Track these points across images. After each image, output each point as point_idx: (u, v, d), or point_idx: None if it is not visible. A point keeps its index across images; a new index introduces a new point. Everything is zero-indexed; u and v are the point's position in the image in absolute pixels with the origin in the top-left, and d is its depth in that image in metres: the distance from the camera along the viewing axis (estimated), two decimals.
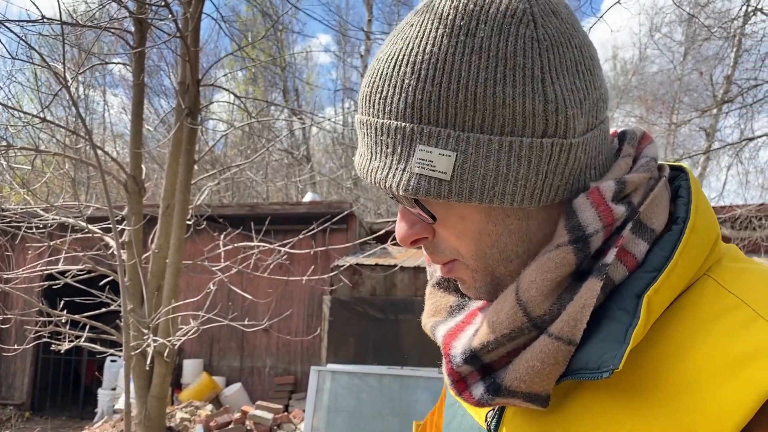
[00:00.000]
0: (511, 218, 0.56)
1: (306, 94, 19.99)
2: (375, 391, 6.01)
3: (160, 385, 5.71)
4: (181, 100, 5.82)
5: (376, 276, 6.42)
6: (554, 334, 0.52)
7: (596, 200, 0.53)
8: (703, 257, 0.54)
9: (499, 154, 0.52)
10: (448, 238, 0.59)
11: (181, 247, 5.80)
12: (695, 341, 0.50)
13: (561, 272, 0.53)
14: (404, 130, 0.54)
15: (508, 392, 0.54)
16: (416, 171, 0.53)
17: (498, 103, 0.51)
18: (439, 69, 0.52)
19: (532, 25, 0.52)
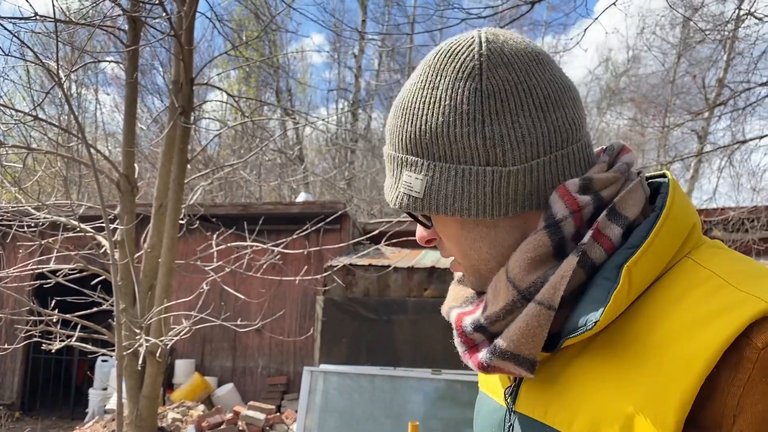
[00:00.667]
0: (480, 227, 0.71)
1: (299, 94, 19.97)
2: (368, 392, 6.01)
3: (152, 385, 5.68)
4: (174, 98, 5.79)
5: (369, 276, 6.41)
6: (538, 300, 0.63)
7: (562, 193, 0.66)
8: (680, 240, 0.64)
9: (455, 179, 0.68)
10: (446, 242, 0.75)
11: (174, 246, 5.77)
12: (673, 307, 0.59)
13: (539, 252, 0.66)
14: (398, 159, 0.72)
15: (501, 353, 0.66)
16: (402, 190, 0.72)
17: (452, 140, 0.67)
18: (414, 114, 0.70)
19: (478, 78, 0.67)
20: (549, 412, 0.66)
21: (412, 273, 6.37)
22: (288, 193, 17.01)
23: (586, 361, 0.64)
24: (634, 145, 19.30)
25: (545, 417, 0.67)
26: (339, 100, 18.53)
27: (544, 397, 0.68)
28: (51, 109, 16.61)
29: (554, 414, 0.65)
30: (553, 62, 0.71)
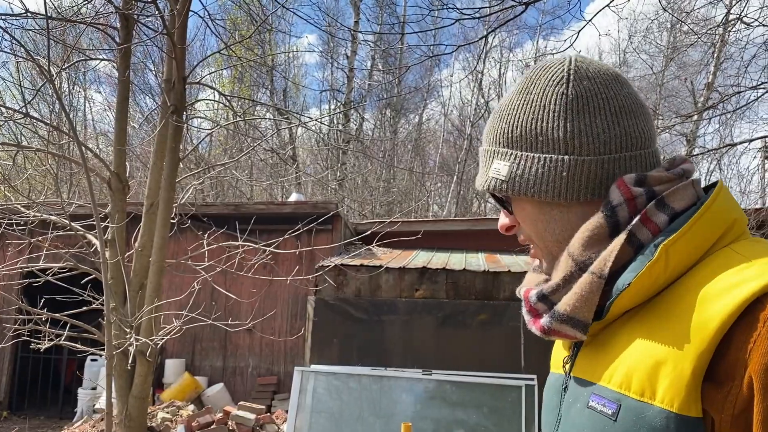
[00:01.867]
0: (555, 210, 0.84)
1: (292, 94, 19.94)
2: (358, 392, 6.00)
3: (142, 384, 5.65)
4: (166, 97, 5.77)
5: (361, 277, 6.41)
6: (591, 270, 0.76)
7: (619, 184, 0.79)
8: (719, 230, 0.75)
9: (538, 165, 0.82)
10: (525, 226, 0.88)
11: (165, 245, 5.75)
12: (700, 282, 0.70)
13: (596, 231, 0.78)
14: (491, 151, 0.88)
15: (559, 316, 0.78)
16: (491, 175, 0.86)
17: (538, 132, 0.82)
18: (509, 114, 0.86)
19: (565, 85, 0.82)
20: (596, 371, 0.79)
21: (404, 273, 6.37)
22: (280, 193, 16.98)
23: (628, 329, 0.75)
24: None
25: (592, 376, 0.79)
26: (331, 101, 18.52)
27: (594, 362, 0.80)
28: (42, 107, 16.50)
29: (600, 373, 0.77)
30: (630, 85, 0.86)
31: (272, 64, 15.91)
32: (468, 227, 8.72)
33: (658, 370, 0.68)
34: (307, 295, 7.49)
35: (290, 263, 7.66)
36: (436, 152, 22.33)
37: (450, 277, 6.33)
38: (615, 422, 0.71)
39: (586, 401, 0.78)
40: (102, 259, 2.79)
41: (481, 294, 6.27)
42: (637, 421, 0.69)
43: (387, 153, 17.82)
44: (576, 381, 0.84)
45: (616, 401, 0.72)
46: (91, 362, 8.21)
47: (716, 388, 0.64)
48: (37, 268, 5.38)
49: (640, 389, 0.69)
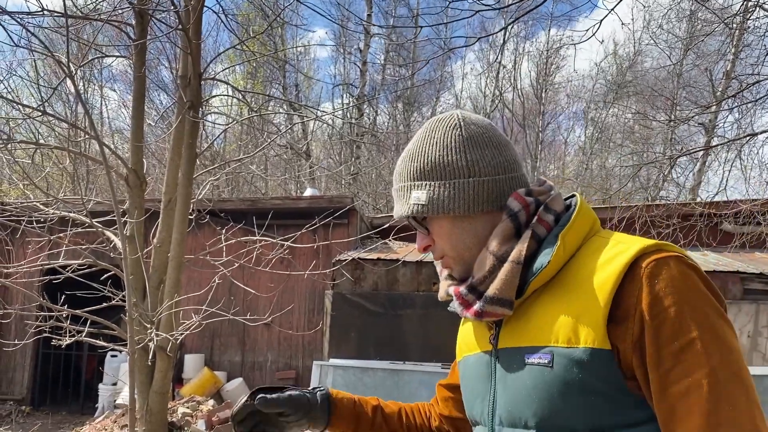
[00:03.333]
0: (464, 223, 1.06)
1: (305, 89, 19.92)
2: (376, 386, 6.00)
3: (162, 380, 5.68)
4: (183, 93, 5.78)
5: (378, 271, 6.39)
6: (510, 259, 0.99)
7: (516, 196, 1.04)
8: (589, 224, 1.03)
9: (449, 188, 1.04)
10: (438, 242, 1.09)
11: (183, 241, 5.77)
12: (591, 258, 0.96)
13: (506, 232, 1.02)
14: (407, 186, 1.09)
15: (490, 299, 0.99)
16: (411, 203, 1.07)
17: (445, 164, 1.05)
18: (418, 155, 1.08)
19: (459, 128, 1.08)
20: (522, 338, 0.99)
21: (421, 267, 6.35)
22: (294, 188, 16.99)
23: (543, 300, 0.98)
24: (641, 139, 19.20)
25: (521, 341, 0.99)
26: (344, 95, 18.46)
27: (518, 331, 1.01)
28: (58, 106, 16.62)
29: (526, 338, 0.98)
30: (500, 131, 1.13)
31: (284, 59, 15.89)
32: None
33: (578, 322, 0.90)
34: (325, 289, 7.48)
35: (307, 258, 7.66)
36: None
37: None
38: (552, 368, 0.92)
39: (523, 361, 0.97)
40: (123, 255, 2.79)
41: None
42: (569, 362, 0.90)
43: (401, 147, 17.77)
44: (504, 352, 1.03)
45: (549, 353, 0.93)
46: (111, 358, 8.28)
47: (617, 326, 0.88)
48: (57, 265, 5.41)
49: (566, 339, 0.91)
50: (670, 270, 0.88)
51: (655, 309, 0.86)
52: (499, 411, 1.03)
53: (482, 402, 1.08)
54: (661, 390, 0.84)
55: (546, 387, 0.93)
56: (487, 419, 1.06)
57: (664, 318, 0.85)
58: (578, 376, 0.89)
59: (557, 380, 0.91)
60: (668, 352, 0.84)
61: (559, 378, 0.91)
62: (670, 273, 0.87)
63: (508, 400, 1.00)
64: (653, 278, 0.87)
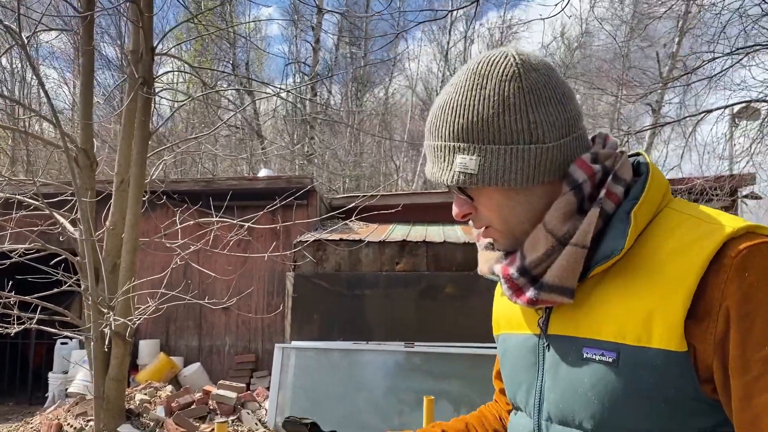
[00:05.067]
0: (520, 195, 0.90)
1: (256, 68, 19.49)
2: (340, 367, 5.96)
3: (119, 366, 5.50)
4: (134, 69, 5.54)
5: (340, 251, 6.32)
6: (573, 242, 0.85)
7: (580, 164, 0.89)
8: (661, 195, 0.89)
9: (505, 156, 0.87)
10: (485, 212, 0.93)
11: (138, 223, 5.56)
12: (667, 238, 0.83)
13: (568, 207, 0.87)
14: (449, 147, 0.90)
15: (548, 287, 0.87)
16: (457, 170, 0.89)
17: (501, 126, 0.87)
18: (465, 109, 0.88)
19: (518, 79, 0.88)
20: (580, 327, 0.88)
21: (384, 247, 6.31)
22: (246, 169, 16.67)
23: (607, 286, 0.86)
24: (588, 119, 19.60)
25: (577, 332, 0.88)
26: (296, 74, 18.13)
27: (573, 319, 0.90)
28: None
29: (585, 328, 0.87)
30: (560, 74, 0.94)
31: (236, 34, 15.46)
32: (444, 200, 8.68)
33: (651, 317, 0.79)
34: (285, 271, 7.37)
35: (265, 239, 7.52)
36: (404, 126, 22.23)
37: (430, 249, 6.29)
38: (617, 368, 0.82)
39: (580, 354, 0.87)
40: (79, 238, 2.64)
41: (462, 265, 6.26)
42: (638, 363, 0.80)
43: (355, 126, 17.62)
44: (556, 339, 0.92)
45: (614, 350, 0.82)
46: (61, 346, 7.97)
47: (696, 324, 0.77)
48: (4, 249, 5.14)
49: (636, 336, 0.80)
50: (765, 260, 0.76)
51: (745, 307, 0.75)
52: (548, 406, 0.93)
53: (527, 392, 0.99)
54: (745, 398, 0.75)
55: (608, 388, 0.83)
56: (533, 412, 0.97)
57: (755, 318, 0.74)
58: (648, 380, 0.79)
59: (622, 382, 0.81)
60: (758, 358, 0.74)
61: (625, 380, 0.81)
62: (765, 264, 0.76)
63: (560, 396, 0.91)
64: (744, 270, 0.76)
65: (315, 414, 5.99)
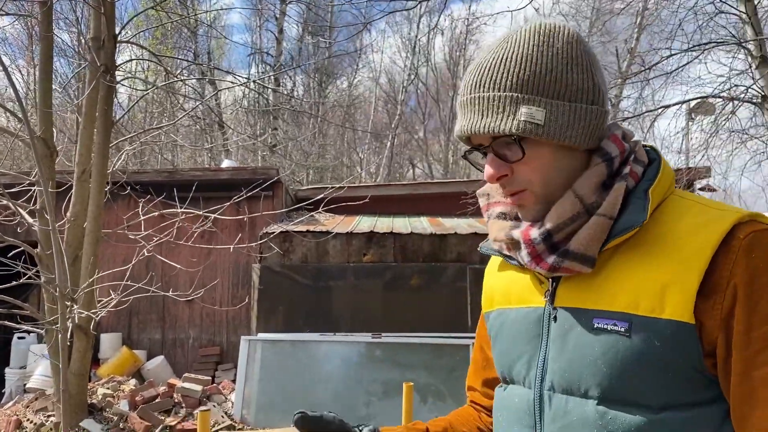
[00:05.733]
0: (566, 158, 0.93)
1: (217, 58, 19.17)
2: (307, 359, 5.96)
3: (81, 360, 5.41)
4: (96, 56, 5.41)
5: (307, 243, 6.31)
6: (601, 213, 0.88)
7: (614, 139, 0.94)
8: (670, 181, 0.95)
9: (569, 113, 0.90)
10: (525, 173, 0.92)
11: (100, 214, 5.46)
12: (680, 218, 0.88)
13: (600, 178, 0.91)
14: (512, 97, 0.89)
15: (572, 255, 0.89)
16: (522, 119, 0.88)
17: (569, 82, 0.90)
18: (533, 63, 0.89)
19: (583, 44, 0.93)
20: (590, 300, 0.90)
21: (351, 238, 6.32)
22: (207, 160, 16.42)
23: (620, 259, 0.89)
24: None
25: (586, 304, 0.90)
26: (259, 64, 17.90)
27: (582, 291, 0.92)
28: None
29: (596, 300, 0.89)
30: None
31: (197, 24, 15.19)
32: (410, 191, 8.73)
33: (666, 289, 0.82)
34: (250, 263, 7.31)
35: (230, 231, 7.44)
36: (367, 118, 22.20)
37: (398, 240, 6.33)
38: (629, 337, 0.84)
39: (590, 324, 0.89)
40: (52, 227, 2.59)
41: (429, 256, 6.32)
42: (649, 333, 0.83)
43: (319, 118, 17.53)
44: (564, 312, 0.94)
45: (626, 320, 0.85)
46: (18, 340, 7.76)
47: (705, 300, 0.81)
48: None
49: (650, 307, 0.83)
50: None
51: (752, 286, 0.80)
52: (551, 376, 0.94)
53: (528, 363, 0.99)
54: (743, 372, 0.80)
55: (618, 357, 0.85)
56: (534, 382, 0.97)
57: (760, 297, 0.79)
58: (658, 349, 0.82)
59: (634, 351, 0.84)
60: (759, 334, 0.79)
61: (636, 349, 0.84)
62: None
63: (566, 365, 0.92)
64: (751, 252, 0.81)
65: (282, 405, 6.00)
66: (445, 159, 21.80)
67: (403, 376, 5.62)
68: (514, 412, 1.01)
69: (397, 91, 21.47)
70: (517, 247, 0.96)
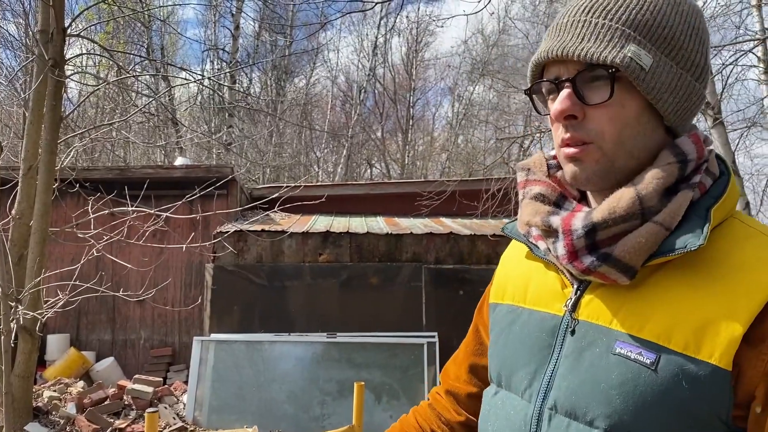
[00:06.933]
0: (650, 126, 0.81)
1: (170, 54, 18.81)
2: (261, 359, 5.93)
3: (26, 362, 5.24)
4: (44, 50, 5.26)
5: (262, 242, 6.26)
6: (658, 221, 0.76)
7: (695, 139, 0.82)
8: (735, 202, 0.83)
9: (675, 77, 0.80)
10: (600, 121, 0.80)
11: (48, 212, 5.32)
12: (740, 246, 0.76)
13: (668, 180, 0.78)
14: (623, 32, 0.79)
15: (614, 261, 0.77)
16: (629, 56, 0.77)
17: (685, 47, 0.81)
18: (656, 10, 0.80)
19: (705, 21, 0.84)
20: (616, 318, 0.79)
21: (307, 238, 6.31)
22: (160, 157, 16.11)
23: (661, 280, 0.78)
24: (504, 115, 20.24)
25: (611, 323, 0.80)
26: (214, 61, 17.65)
27: (610, 307, 0.81)
28: None
29: (622, 320, 0.78)
30: None
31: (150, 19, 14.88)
32: (367, 191, 8.75)
33: (707, 327, 0.71)
34: (203, 262, 7.21)
35: (183, 230, 7.33)
36: (324, 117, 22.12)
37: (354, 240, 6.34)
38: (654, 371, 0.73)
39: (609, 347, 0.78)
40: None
41: (385, 256, 6.35)
42: (679, 372, 0.72)
43: (276, 117, 17.38)
44: (584, 326, 0.83)
45: (654, 351, 0.74)
46: None
47: (749, 347, 0.70)
48: None
49: (684, 343, 0.72)
50: None
51: None
52: (556, 393, 0.83)
53: (532, 375, 0.88)
54: None
55: (637, 391, 0.74)
56: (535, 397, 0.86)
57: None
58: (685, 392, 0.72)
59: (656, 388, 0.73)
60: None
61: (660, 387, 0.73)
62: None
63: (575, 386, 0.81)
64: None
65: (235, 406, 5.94)
66: (403, 159, 21.90)
67: (358, 376, 5.64)
68: (506, 425, 0.91)
69: (354, 90, 21.49)
70: (551, 236, 0.84)
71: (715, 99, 5.86)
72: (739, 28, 8.74)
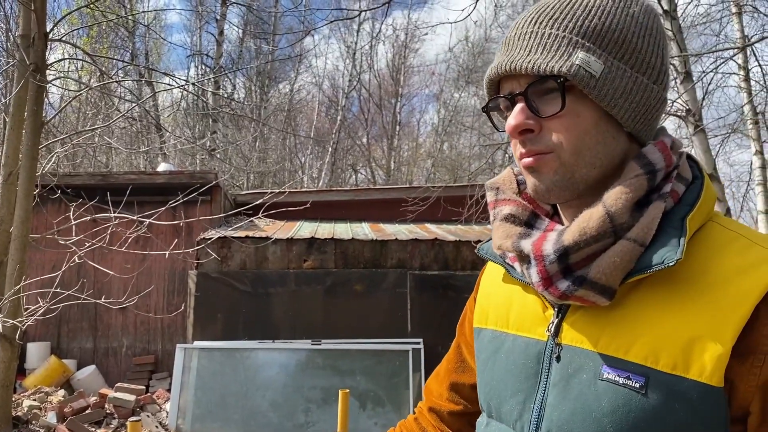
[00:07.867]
0: (609, 133, 0.78)
1: (155, 59, 18.71)
2: (245, 367, 5.88)
3: (5, 371, 5.17)
4: (25, 54, 5.21)
5: (246, 249, 6.23)
6: (631, 238, 0.72)
7: (662, 147, 0.79)
8: (711, 206, 0.79)
9: (628, 81, 0.77)
10: (557, 131, 0.77)
11: (29, 218, 5.25)
12: (720, 255, 0.73)
13: (637, 194, 0.75)
14: (571, 40, 0.77)
15: (590, 283, 0.73)
16: (577, 63, 0.75)
17: (637, 49, 0.78)
18: (604, 14, 0.78)
19: (659, 21, 0.81)
20: (601, 341, 0.76)
21: (292, 244, 6.28)
22: (142, 163, 15.99)
23: (642, 297, 0.74)
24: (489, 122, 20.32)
25: (596, 346, 0.76)
26: (198, 66, 17.58)
27: (594, 330, 0.77)
28: None
29: (607, 343, 0.75)
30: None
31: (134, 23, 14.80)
32: (352, 197, 8.75)
33: (694, 344, 0.68)
34: (186, 269, 7.16)
35: (166, 237, 7.27)
36: (309, 123, 22.11)
37: (338, 246, 6.33)
38: (644, 395, 0.70)
39: (597, 373, 0.75)
40: None
41: (370, 262, 6.35)
42: (670, 394, 0.69)
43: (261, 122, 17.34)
44: (569, 351, 0.79)
45: (642, 375, 0.71)
46: None
47: (740, 360, 0.68)
48: None
49: (672, 363, 0.69)
50: None
51: None
52: (548, 425, 0.80)
53: (523, 404, 0.85)
54: None
55: (630, 417, 0.71)
56: (526, 428, 0.83)
57: None
58: (678, 413, 0.69)
59: (648, 413, 0.70)
60: None
61: (652, 411, 0.70)
62: None
63: (568, 417, 0.77)
64: None
65: (218, 414, 5.89)
66: (388, 165, 21.94)
67: (342, 383, 5.62)
68: None
69: (339, 96, 21.51)
70: (524, 261, 0.80)
71: (696, 106, 5.93)
72: (719, 36, 8.90)
